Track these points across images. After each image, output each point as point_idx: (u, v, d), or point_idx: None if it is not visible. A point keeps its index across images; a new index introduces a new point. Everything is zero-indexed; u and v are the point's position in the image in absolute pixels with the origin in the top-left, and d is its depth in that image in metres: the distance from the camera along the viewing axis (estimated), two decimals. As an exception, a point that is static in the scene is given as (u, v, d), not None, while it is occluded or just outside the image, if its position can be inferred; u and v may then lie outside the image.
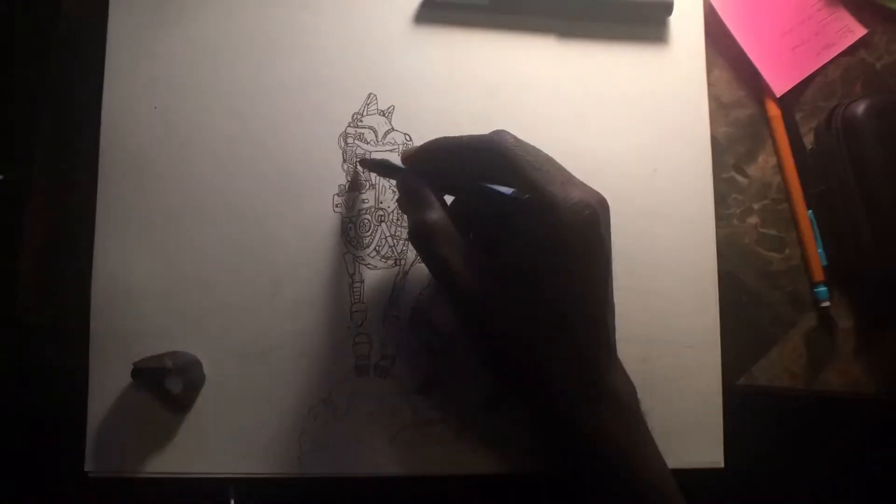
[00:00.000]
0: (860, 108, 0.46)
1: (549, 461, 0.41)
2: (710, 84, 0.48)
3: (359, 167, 0.44)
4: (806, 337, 0.48)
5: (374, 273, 0.44)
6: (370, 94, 0.45)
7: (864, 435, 0.60)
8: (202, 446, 0.42)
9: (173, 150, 0.44)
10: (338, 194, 0.44)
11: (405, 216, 0.44)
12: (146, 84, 0.44)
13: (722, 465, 0.44)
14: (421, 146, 0.39)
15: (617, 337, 0.44)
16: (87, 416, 0.41)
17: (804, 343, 0.48)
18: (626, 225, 0.45)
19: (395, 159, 0.45)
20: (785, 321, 0.48)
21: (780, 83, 0.49)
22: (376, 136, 0.45)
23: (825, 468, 0.62)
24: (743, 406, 0.46)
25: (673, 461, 0.43)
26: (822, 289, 0.48)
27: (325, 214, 0.44)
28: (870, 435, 0.60)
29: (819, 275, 0.48)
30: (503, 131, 0.36)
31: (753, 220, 0.49)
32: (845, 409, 0.53)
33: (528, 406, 0.38)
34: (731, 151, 0.50)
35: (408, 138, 0.45)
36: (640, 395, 0.44)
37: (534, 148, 0.36)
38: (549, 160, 0.36)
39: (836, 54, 0.51)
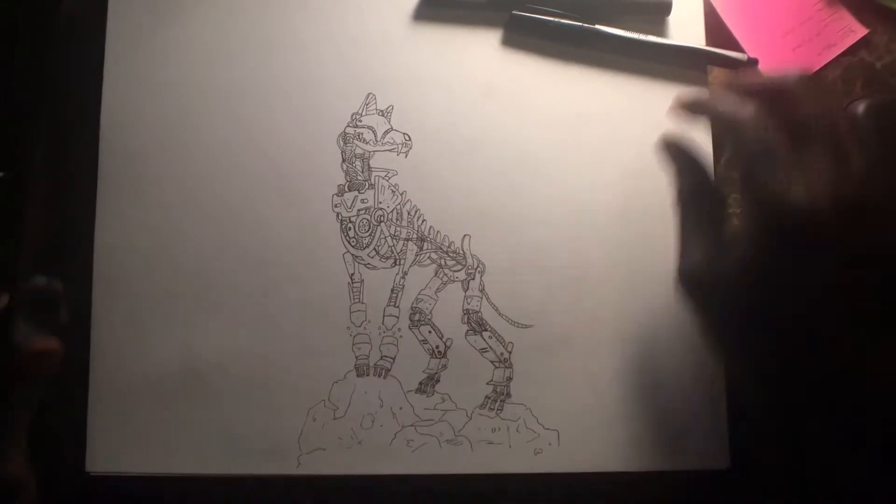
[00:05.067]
0: (860, 108, 0.46)
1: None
2: (710, 84, 0.48)
3: None
4: (806, 337, 0.48)
5: (373, 273, 0.44)
6: (369, 93, 0.45)
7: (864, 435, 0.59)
8: (202, 446, 0.42)
9: (173, 150, 0.44)
10: (337, 194, 0.44)
11: (404, 216, 0.44)
12: (145, 84, 0.44)
13: (728, 465, 0.44)
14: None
15: (618, 337, 0.44)
16: (87, 416, 0.41)
17: (804, 343, 0.48)
18: (626, 225, 0.45)
19: (395, 159, 0.45)
20: (785, 321, 0.48)
21: (780, 83, 0.49)
22: (375, 136, 0.45)
23: (825, 468, 0.62)
24: (743, 406, 0.45)
25: (678, 463, 0.43)
26: (823, 289, 0.48)
27: (324, 214, 0.44)
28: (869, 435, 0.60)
29: (819, 275, 0.48)
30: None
31: (753, 219, 0.49)
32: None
33: None
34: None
35: (407, 138, 0.45)
36: (641, 395, 0.44)
37: None
38: None
39: (837, 54, 0.51)
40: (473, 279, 0.44)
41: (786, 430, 0.30)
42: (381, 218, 0.45)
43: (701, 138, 0.47)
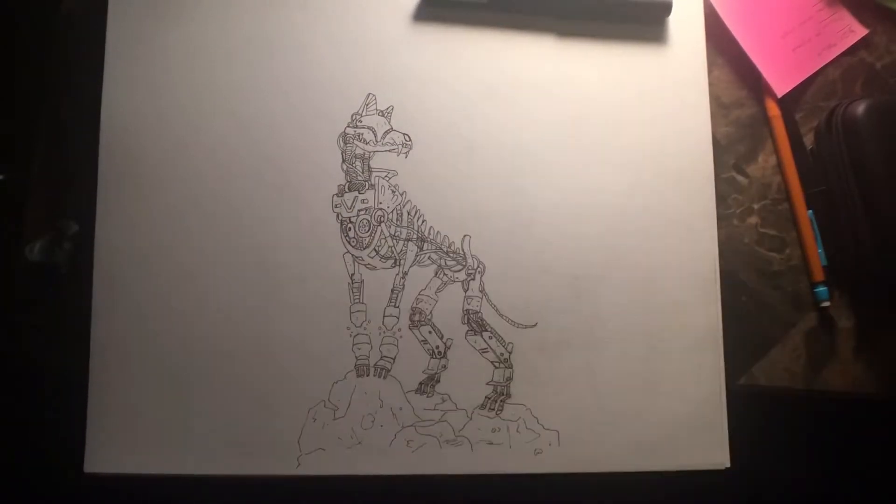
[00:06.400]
0: (860, 108, 0.46)
1: None
2: (710, 84, 0.48)
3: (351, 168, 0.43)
4: (806, 337, 0.48)
5: (373, 273, 0.44)
6: (369, 94, 0.45)
7: (864, 435, 0.60)
8: (201, 446, 0.42)
9: (173, 150, 0.44)
10: (337, 194, 0.44)
11: (404, 217, 0.44)
12: (145, 84, 0.44)
13: (728, 465, 0.44)
14: None
15: (618, 337, 0.45)
16: (86, 417, 0.41)
17: (804, 343, 0.48)
18: (627, 225, 0.45)
19: (395, 159, 0.45)
20: (785, 321, 0.48)
21: (781, 83, 0.49)
22: (375, 136, 0.45)
23: (825, 468, 0.62)
24: (743, 406, 0.46)
25: (678, 462, 0.43)
26: (822, 289, 0.48)
27: (324, 214, 0.44)
28: (870, 435, 0.60)
29: (819, 275, 0.48)
30: None
31: (753, 220, 0.49)
32: (845, 409, 0.53)
33: None
34: (731, 151, 0.50)
35: (407, 138, 0.45)
36: (641, 395, 0.44)
37: None
38: None
39: (837, 54, 0.51)
40: (473, 279, 0.44)
41: None
42: (382, 218, 0.44)
43: (701, 137, 0.47)
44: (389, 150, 0.45)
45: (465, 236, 0.45)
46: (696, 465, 0.43)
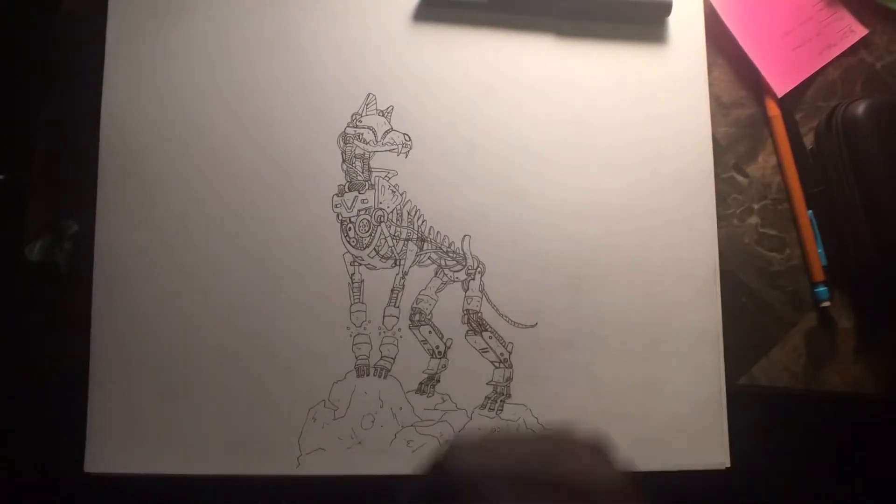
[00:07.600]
0: (860, 108, 0.46)
1: None
2: (710, 84, 0.48)
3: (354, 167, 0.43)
4: (806, 337, 0.48)
5: (373, 273, 0.44)
6: (369, 94, 0.45)
7: (864, 435, 0.60)
8: (201, 447, 0.42)
9: (173, 150, 0.44)
10: (337, 194, 0.44)
11: (404, 217, 0.44)
12: (145, 84, 0.44)
13: (728, 465, 0.44)
14: None
15: (618, 337, 0.44)
16: (86, 417, 0.41)
17: (804, 343, 0.48)
18: (627, 225, 0.45)
19: (395, 159, 0.45)
20: (785, 321, 0.48)
21: (781, 83, 0.49)
22: (375, 136, 0.45)
23: (825, 468, 0.62)
24: (743, 406, 0.46)
25: (678, 462, 0.43)
26: (822, 289, 0.48)
27: (324, 214, 0.44)
28: (870, 435, 0.60)
29: (819, 275, 0.48)
30: None
31: (753, 220, 0.49)
32: (845, 409, 0.53)
33: None
34: (731, 151, 0.50)
35: (407, 138, 0.45)
36: (641, 395, 0.44)
37: None
38: None
39: (837, 54, 0.51)
40: (473, 279, 0.44)
41: None
42: (382, 218, 0.44)
43: (701, 137, 0.47)
44: (389, 150, 0.45)
45: (465, 236, 0.45)
46: (696, 465, 0.43)
